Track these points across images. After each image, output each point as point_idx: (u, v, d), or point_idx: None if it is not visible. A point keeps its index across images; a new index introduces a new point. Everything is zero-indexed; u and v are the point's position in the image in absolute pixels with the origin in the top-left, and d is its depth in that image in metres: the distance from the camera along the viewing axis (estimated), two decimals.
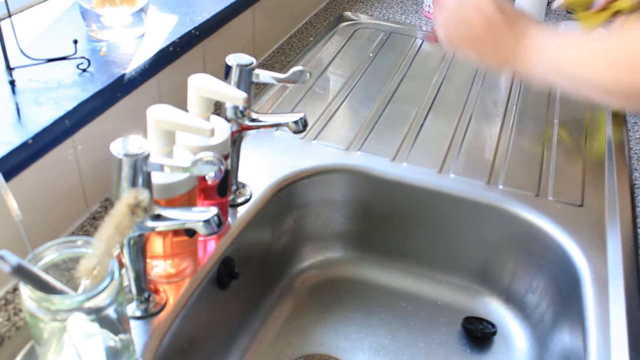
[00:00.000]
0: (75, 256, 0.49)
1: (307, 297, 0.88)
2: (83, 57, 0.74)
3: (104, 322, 0.49)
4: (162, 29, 0.84)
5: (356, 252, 0.92)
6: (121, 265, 0.57)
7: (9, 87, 0.68)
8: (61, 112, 0.65)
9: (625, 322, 0.66)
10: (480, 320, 0.84)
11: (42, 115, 0.64)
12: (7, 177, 0.58)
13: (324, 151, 0.88)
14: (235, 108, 0.70)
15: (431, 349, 0.82)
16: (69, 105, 0.66)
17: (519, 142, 0.93)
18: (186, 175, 0.59)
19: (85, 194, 0.72)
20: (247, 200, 0.78)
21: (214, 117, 0.67)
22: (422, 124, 0.95)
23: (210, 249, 0.71)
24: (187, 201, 0.61)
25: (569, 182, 0.85)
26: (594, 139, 0.95)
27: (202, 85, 0.63)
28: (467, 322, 0.84)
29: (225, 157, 0.67)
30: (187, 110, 0.64)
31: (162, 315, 0.62)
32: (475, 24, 0.67)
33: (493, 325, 0.83)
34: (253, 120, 0.71)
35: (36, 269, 0.46)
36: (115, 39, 0.80)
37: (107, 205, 0.75)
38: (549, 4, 1.43)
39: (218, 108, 0.72)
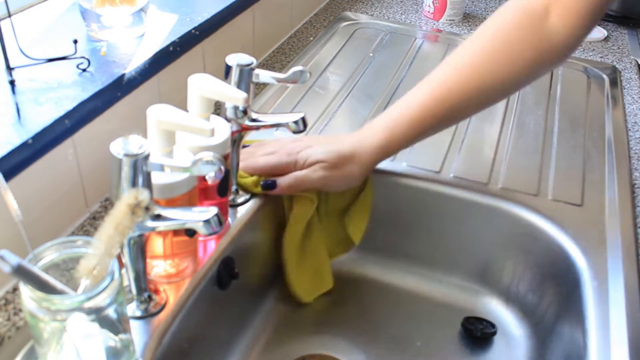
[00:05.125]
0: (75, 256, 0.49)
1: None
2: (83, 57, 0.74)
3: (104, 322, 0.49)
4: (162, 29, 0.84)
5: (356, 252, 0.92)
6: (121, 265, 0.57)
7: (9, 87, 0.68)
8: (61, 112, 0.65)
9: (625, 322, 0.66)
10: (480, 320, 0.84)
11: (42, 115, 0.64)
12: (7, 177, 0.58)
13: None
14: (235, 108, 0.70)
15: (431, 349, 0.82)
16: (69, 105, 0.66)
17: (519, 142, 0.93)
18: (186, 175, 0.59)
19: (85, 194, 0.72)
20: (247, 200, 0.78)
21: (214, 117, 0.67)
22: None
23: (210, 249, 0.71)
24: (187, 201, 0.61)
25: (569, 182, 0.85)
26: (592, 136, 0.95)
27: (202, 85, 0.63)
28: (467, 322, 0.84)
29: (225, 157, 0.67)
30: (187, 110, 0.64)
31: (162, 315, 0.62)
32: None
33: (493, 325, 0.83)
34: (253, 120, 0.71)
35: (36, 269, 0.46)
36: (115, 39, 0.80)
37: (107, 205, 0.75)
38: None
39: (218, 108, 0.72)
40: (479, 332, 0.82)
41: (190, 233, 0.63)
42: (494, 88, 0.74)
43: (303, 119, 0.72)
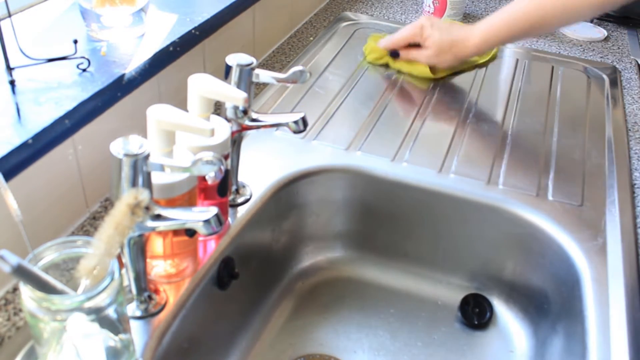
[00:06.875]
0: (75, 256, 0.49)
1: (307, 297, 0.88)
2: (83, 57, 0.74)
3: (104, 322, 0.49)
4: (162, 29, 0.84)
5: (356, 252, 0.92)
6: (121, 265, 0.57)
7: (9, 87, 0.68)
8: (61, 112, 0.65)
9: (625, 322, 0.66)
10: (476, 299, 0.85)
11: (42, 115, 0.64)
12: (7, 177, 0.58)
13: (324, 151, 0.88)
14: (235, 108, 0.70)
15: (431, 349, 0.82)
16: (69, 105, 0.66)
17: (519, 142, 0.93)
18: (186, 175, 0.59)
19: (85, 194, 0.72)
20: (247, 200, 0.78)
21: (214, 117, 0.67)
22: (422, 124, 0.95)
23: (210, 249, 0.71)
24: (187, 201, 0.61)
25: (569, 182, 0.86)
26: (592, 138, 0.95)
27: (202, 85, 0.63)
28: (463, 315, 0.84)
29: (225, 157, 0.67)
30: (187, 110, 0.64)
31: (162, 315, 0.62)
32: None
33: (489, 305, 0.84)
34: (253, 120, 0.71)
35: (36, 269, 0.46)
36: (115, 39, 0.80)
37: (107, 205, 0.75)
38: None
39: (218, 108, 0.72)
40: (475, 320, 0.83)
41: (190, 233, 0.63)
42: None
43: (303, 119, 0.72)
